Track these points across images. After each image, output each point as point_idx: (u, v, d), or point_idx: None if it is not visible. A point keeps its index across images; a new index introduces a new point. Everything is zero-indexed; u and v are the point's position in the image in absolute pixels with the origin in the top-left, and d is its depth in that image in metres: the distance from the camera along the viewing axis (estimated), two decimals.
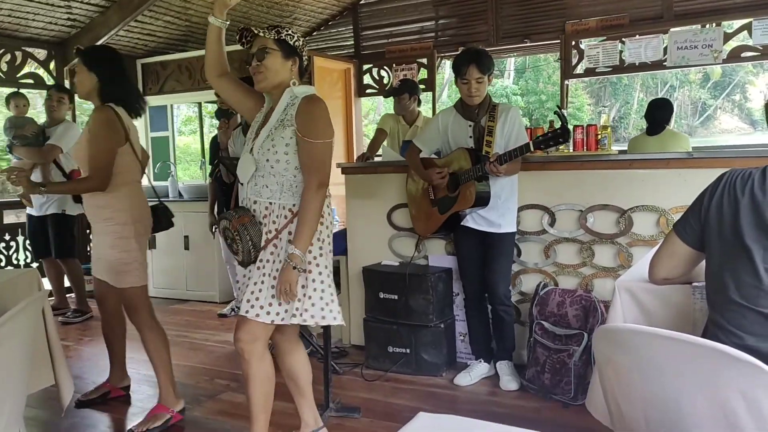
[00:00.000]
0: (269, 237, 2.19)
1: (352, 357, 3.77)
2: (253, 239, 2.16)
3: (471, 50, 3.15)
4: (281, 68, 2.21)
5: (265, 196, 2.20)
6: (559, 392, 2.95)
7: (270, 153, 2.18)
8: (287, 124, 2.18)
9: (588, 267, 3.29)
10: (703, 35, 5.24)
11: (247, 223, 2.18)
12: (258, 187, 2.22)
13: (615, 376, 1.49)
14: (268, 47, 2.19)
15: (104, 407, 3.13)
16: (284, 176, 2.18)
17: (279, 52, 2.20)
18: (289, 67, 2.22)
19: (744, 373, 1.24)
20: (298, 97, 2.21)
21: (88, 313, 4.93)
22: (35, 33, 5.49)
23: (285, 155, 2.17)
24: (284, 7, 6.35)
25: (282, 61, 2.20)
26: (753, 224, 1.50)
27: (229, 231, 2.19)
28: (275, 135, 2.18)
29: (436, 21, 6.58)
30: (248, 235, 2.16)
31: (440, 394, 3.18)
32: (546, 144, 2.87)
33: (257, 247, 2.18)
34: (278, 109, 2.22)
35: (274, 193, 2.20)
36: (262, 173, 2.20)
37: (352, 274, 3.90)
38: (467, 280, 3.32)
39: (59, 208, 4.73)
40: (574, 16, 5.79)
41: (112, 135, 2.72)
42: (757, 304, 1.47)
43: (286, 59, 2.21)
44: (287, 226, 2.19)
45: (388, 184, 3.76)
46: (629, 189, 3.17)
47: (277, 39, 2.19)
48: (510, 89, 19.21)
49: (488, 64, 3.06)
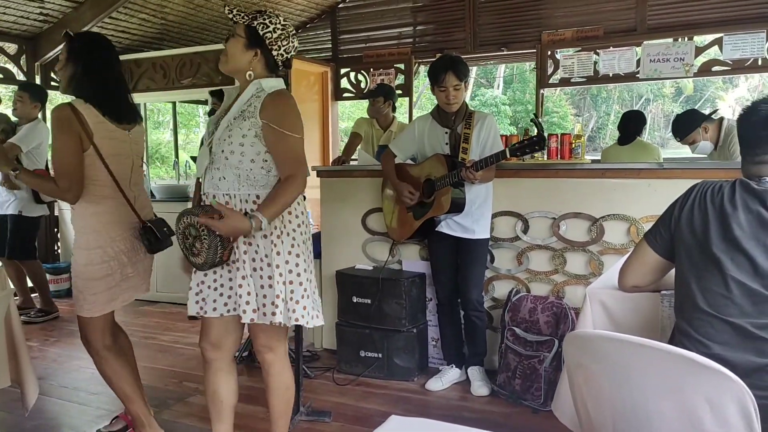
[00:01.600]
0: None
1: (323, 361, 3.75)
2: (220, 236, 2.02)
3: (447, 57, 3.16)
4: (240, 56, 2.11)
5: (223, 189, 2.11)
6: (530, 398, 2.97)
7: (225, 144, 2.09)
8: (247, 116, 2.08)
9: (560, 274, 3.32)
10: (675, 49, 5.35)
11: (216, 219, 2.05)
12: (215, 180, 2.13)
13: (584, 382, 1.50)
14: (237, 32, 2.13)
15: (67, 408, 3.06)
16: (239, 168, 2.08)
17: (243, 39, 2.11)
18: (249, 58, 2.11)
19: (710, 381, 1.26)
20: (265, 90, 2.10)
21: (53, 313, 4.83)
22: (6, 27, 5.38)
23: (240, 146, 2.08)
24: (262, 8, 6.31)
25: (242, 49, 2.11)
26: (721, 236, 1.54)
27: (193, 227, 2.04)
28: (233, 126, 2.10)
29: (414, 27, 6.60)
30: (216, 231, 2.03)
31: (412, 398, 3.18)
32: (522, 151, 2.89)
33: (225, 244, 2.05)
34: (241, 100, 2.13)
35: (232, 184, 2.10)
36: (218, 165, 2.11)
37: (326, 277, 3.88)
38: (440, 285, 3.33)
39: (16, 209, 4.61)
40: (550, 27, 5.87)
41: (64, 137, 2.34)
42: (725, 313, 1.50)
43: (248, 49, 2.11)
44: None
45: (363, 188, 3.75)
46: (601, 198, 3.21)
47: (247, 25, 2.11)
48: (499, 99, 20.03)
49: (465, 71, 3.08)
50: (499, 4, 6.09)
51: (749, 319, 1.48)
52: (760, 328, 1.47)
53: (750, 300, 1.48)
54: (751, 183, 1.56)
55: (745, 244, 1.50)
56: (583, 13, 5.74)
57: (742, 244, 1.50)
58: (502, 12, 6.09)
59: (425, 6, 6.50)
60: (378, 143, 4.72)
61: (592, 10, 5.70)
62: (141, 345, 4.14)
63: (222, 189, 2.12)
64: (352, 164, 4.73)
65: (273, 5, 6.33)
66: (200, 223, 2.01)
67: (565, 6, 5.82)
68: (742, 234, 1.51)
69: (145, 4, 5.57)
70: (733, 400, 1.25)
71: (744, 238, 1.50)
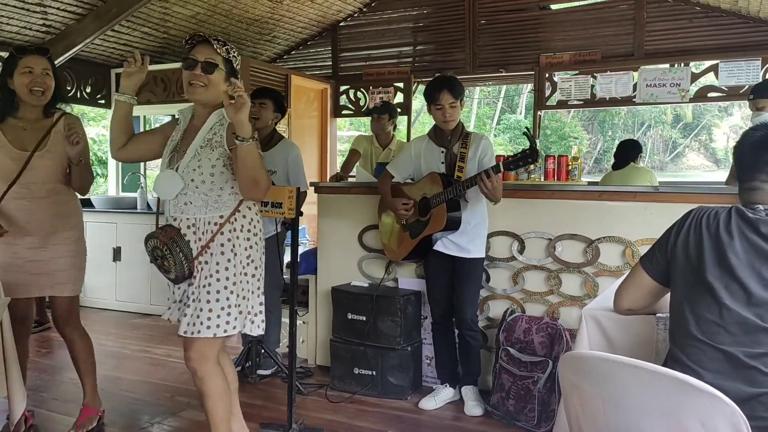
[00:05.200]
0: (196, 253, 2.19)
1: (317, 377, 3.73)
2: (183, 250, 2.15)
3: (441, 77, 3.24)
4: (221, 87, 2.17)
5: (189, 213, 2.20)
6: (523, 419, 2.95)
7: (196, 174, 2.17)
8: (215, 146, 2.17)
9: (555, 295, 3.33)
10: (671, 74, 5.41)
11: (174, 236, 2.17)
12: (180, 204, 2.21)
13: (580, 402, 1.50)
14: (218, 63, 2.18)
15: (57, 420, 3.04)
16: (208, 195, 2.19)
17: (224, 71, 2.20)
18: (225, 87, 2.14)
19: (704, 404, 1.27)
20: (226, 118, 2.16)
21: (45, 323, 4.79)
22: (8, 37, 5.40)
23: (211, 177, 2.17)
24: (264, 25, 6.38)
25: (223, 80, 2.19)
26: (716, 263, 1.54)
27: (158, 249, 2.17)
28: (202, 155, 2.17)
29: (414, 47, 6.67)
30: (178, 247, 2.15)
31: (405, 417, 3.16)
32: (515, 165, 2.91)
33: (189, 257, 2.16)
34: (205, 128, 2.20)
35: (199, 209, 2.20)
36: (185, 191, 2.19)
37: (321, 293, 3.88)
38: (435, 303, 3.33)
39: None
40: (548, 50, 5.94)
41: None
42: (717, 341, 1.50)
43: (226, 80, 2.18)
44: (214, 238, 2.18)
45: (361, 205, 3.76)
46: (597, 220, 3.23)
47: (226, 58, 2.19)
48: (522, 123, 21.27)
49: (459, 89, 3.13)
50: (498, 27, 6.17)
51: (742, 348, 1.47)
52: (752, 357, 1.46)
53: (743, 329, 1.48)
54: (746, 211, 1.56)
55: (740, 272, 1.50)
56: (581, 37, 5.82)
57: (736, 272, 1.50)
58: (501, 34, 6.16)
59: (426, 26, 6.58)
60: (377, 160, 4.75)
61: (590, 35, 5.78)
62: (134, 358, 4.11)
63: (187, 213, 2.21)
64: (350, 181, 4.75)
65: (274, 22, 6.39)
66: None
67: (564, 30, 5.91)
68: (737, 262, 1.51)
69: (148, 18, 5.61)
70: (726, 424, 1.25)
71: (739, 266, 1.50)
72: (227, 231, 2.21)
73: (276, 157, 3.56)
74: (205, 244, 2.18)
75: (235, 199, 2.23)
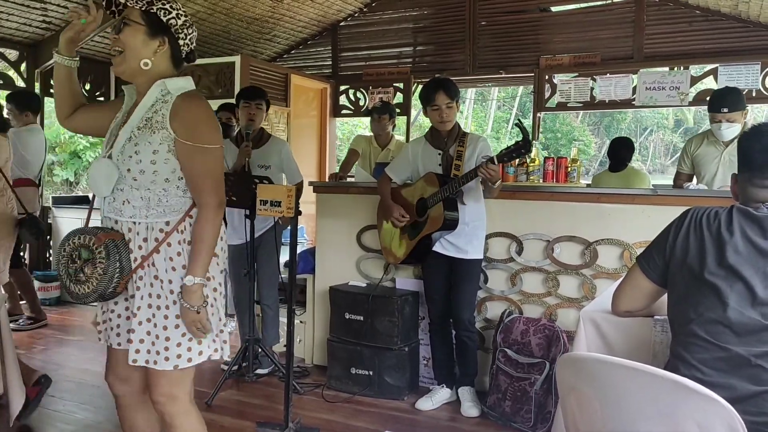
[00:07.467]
0: (135, 265, 1.77)
1: (313, 377, 3.73)
2: (122, 262, 1.73)
3: (436, 79, 3.25)
4: (143, 48, 1.77)
5: (127, 215, 1.78)
6: (519, 420, 2.95)
7: (132, 162, 1.74)
8: (157, 128, 1.74)
9: (553, 297, 3.33)
10: (670, 77, 5.42)
11: (118, 240, 1.75)
12: (116, 203, 1.79)
13: (577, 404, 1.50)
14: (131, 19, 1.76)
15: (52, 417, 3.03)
16: (150, 190, 1.76)
17: (143, 27, 1.76)
18: (153, 48, 1.78)
19: (701, 406, 1.27)
20: (171, 93, 1.77)
21: (42, 320, 4.78)
22: (8, 33, 5.40)
23: (152, 164, 1.74)
24: (264, 23, 6.37)
25: (144, 38, 1.76)
26: (718, 263, 1.53)
27: (87, 250, 1.73)
28: (139, 138, 1.75)
29: (414, 47, 6.68)
30: (119, 256, 1.73)
31: (401, 417, 3.16)
32: (509, 156, 2.92)
33: (124, 273, 1.74)
34: (144, 104, 1.78)
35: (139, 211, 1.77)
36: (122, 186, 1.77)
37: (319, 293, 3.87)
38: (433, 304, 3.33)
39: None
40: (548, 52, 5.94)
41: None
42: (722, 340, 1.50)
43: (152, 38, 1.77)
44: (158, 249, 1.77)
45: (360, 205, 3.76)
46: (595, 222, 3.23)
47: (144, 11, 1.76)
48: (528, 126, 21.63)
49: (455, 89, 3.14)
50: (498, 28, 6.17)
51: (747, 347, 1.47)
52: (757, 356, 1.46)
53: (748, 328, 1.47)
54: (749, 209, 1.55)
55: (744, 271, 1.49)
56: (581, 40, 5.82)
57: (740, 272, 1.49)
58: (501, 36, 6.16)
59: (426, 27, 6.58)
60: (376, 161, 4.75)
61: (590, 37, 5.78)
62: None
63: (125, 215, 1.78)
64: (348, 180, 4.74)
65: (275, 21, 6.39)
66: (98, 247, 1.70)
67: (564, 32, 5.91)
68: (741, 261, 1.50)
69: None
70: (723, 426, 1.25)
71: (742, 265, 1.50)
72: (175, 242, 1.78)
73: (270, 153, 3.81)
74: (147, 254, 1.77)
75: (184, 201, 1.81)
